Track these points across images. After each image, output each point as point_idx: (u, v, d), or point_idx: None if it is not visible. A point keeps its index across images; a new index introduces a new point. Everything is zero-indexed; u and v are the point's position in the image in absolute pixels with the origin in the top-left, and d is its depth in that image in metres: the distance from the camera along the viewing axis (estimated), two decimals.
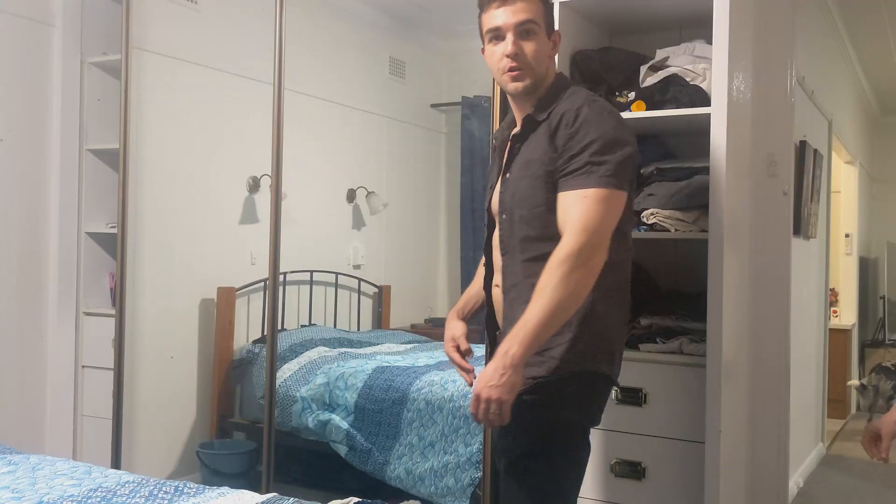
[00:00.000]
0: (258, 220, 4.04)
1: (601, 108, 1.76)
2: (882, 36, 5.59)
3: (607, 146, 1.68)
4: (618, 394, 2.43)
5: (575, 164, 1.69)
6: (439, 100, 5.41)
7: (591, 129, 1.70)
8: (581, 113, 1.72)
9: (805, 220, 4.09)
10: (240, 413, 3.86)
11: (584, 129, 1.70)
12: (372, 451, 3.30)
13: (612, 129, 1.71)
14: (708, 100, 2.33)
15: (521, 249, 1.78)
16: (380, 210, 4.72)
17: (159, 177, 3.58)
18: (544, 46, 1.80)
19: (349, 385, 3.45)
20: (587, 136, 1.69)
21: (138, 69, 3.38)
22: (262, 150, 3.37)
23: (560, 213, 1.71)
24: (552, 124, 1.76)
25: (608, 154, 1.68)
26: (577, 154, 1.69)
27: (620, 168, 1.69)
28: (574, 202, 1.68)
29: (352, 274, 4.71)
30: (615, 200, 1.69)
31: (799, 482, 4.09)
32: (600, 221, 1.66)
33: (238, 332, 3.92)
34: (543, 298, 1.61)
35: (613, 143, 1.69)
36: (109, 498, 1.79)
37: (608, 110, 1.77)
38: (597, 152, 1.68)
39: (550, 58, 1.85)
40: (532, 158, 1.78)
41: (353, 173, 4.75)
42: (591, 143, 1.69)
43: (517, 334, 1.61)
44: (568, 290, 1.61)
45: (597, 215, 1.66)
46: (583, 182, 1.68)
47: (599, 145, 1.68)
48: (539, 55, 1.79)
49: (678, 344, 2.38)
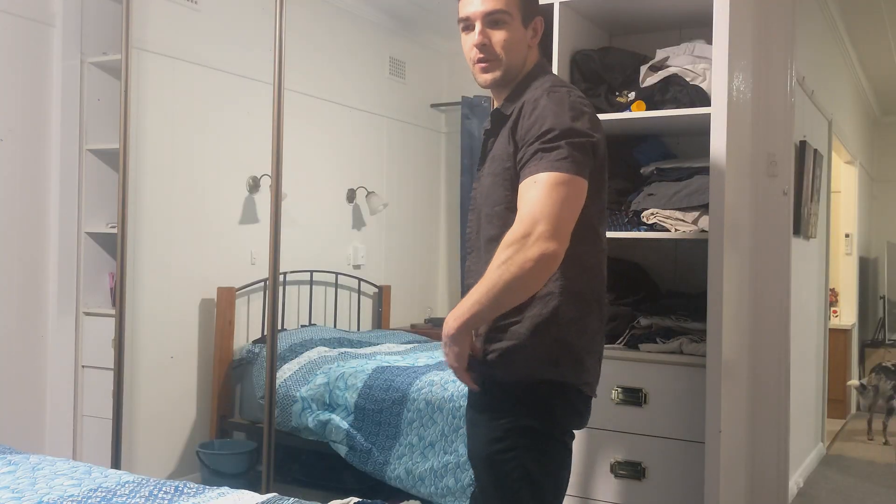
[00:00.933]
0: (258, 220, 4.04)
1: (561, 97, 1.66)
2: (882, 36, 5.59)
3: (562, 134, 1.59)
4: (618, 394, 2.43)
5: (528, 153, 1.61)
6: (439, 100, 5.41)
7: (548, 118, 1.61)
8: (539, 104, 1.65)
9: (805, 220, 4.09)
10: (240, 413, 3.86)
11: (541, 119, 1.62)
12: (372, 451, 3.30)
13: (571, 118, 1.62)
14: (708, 100, 2.33)
15: (486, 249, 1.73)
16: (380, 210, 4.72)
17: (159, 177, 3.58)
18: (517, 36, 1.73)
19: (349, 385, 3.45)
20: (543, 126, 1.61)
21: (138, 69, 3.38)
22: (262, 150, 3.37)
23: (518, 205, 1.63)
24: (514, 118, 1.69)
25: (561, 140, 1.59)
26: (531, 143, 1.61)
27: (577, 153, 1.59)
28: (525, 190, 1.59)
29: (352, 274, 4.71)
30: (572, 186, 1.58)
31: (799, 482, 4.09)
32: (551, 206, 1.55)
33: (238, 332, 3.92)
34: (484, 279, 1.57)
35: (570, 131, 1.60)
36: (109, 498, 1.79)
37: (571, 100, 1.67)
38: (550, 140, 1.59)
39: (530, 47, 1.78)
40: (496, 154, 1.73)
41: (353, 173, 4.75)
42: (546, 132, 1.60)
43: (455, 310, 1.62)
44: (509, 273, 1.53)
45: (547, 199, 1.55)
46: (533, 168, 1.59)
47: (554, 134, 1.59)
48: (510, 45, 1.72)
49: (678, 344, 2.38)
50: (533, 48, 1.79)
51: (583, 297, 1.71)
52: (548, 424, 1.72)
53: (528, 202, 1.57)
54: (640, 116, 2.45)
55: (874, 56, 6.00)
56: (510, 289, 1.55)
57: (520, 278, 1.53)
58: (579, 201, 1.61)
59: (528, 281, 1.55)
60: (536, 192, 1.57)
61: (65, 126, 3.37)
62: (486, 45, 1.72)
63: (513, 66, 1.75)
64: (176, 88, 3.66)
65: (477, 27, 1.72)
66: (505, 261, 1.54)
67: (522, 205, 1.59)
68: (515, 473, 1.70)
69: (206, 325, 3.81)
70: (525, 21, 1.75)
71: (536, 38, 1.79)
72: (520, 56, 1.75)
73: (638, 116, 2.45)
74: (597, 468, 2.46)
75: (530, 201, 1.57)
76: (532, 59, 1.79)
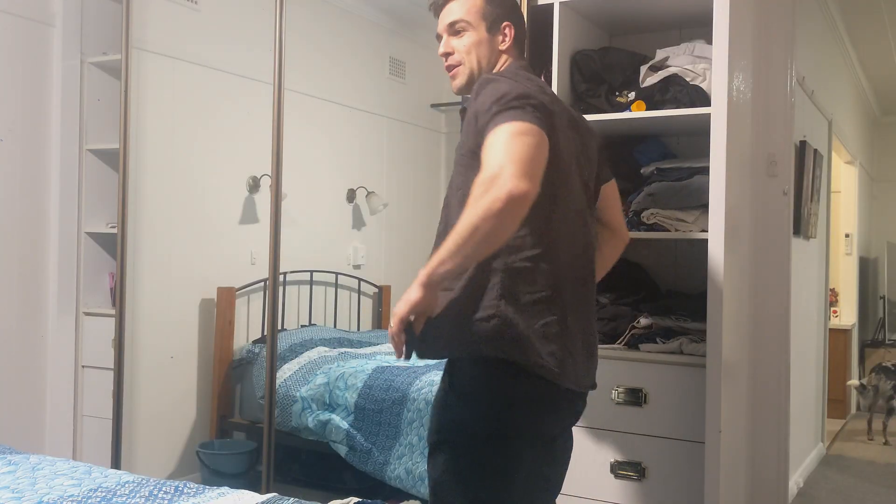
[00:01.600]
0: (258, 220, 4.04)
1: (514, 72, 1.71)
2: (882, 36, 5.59)
3: (519, 96, 1.57)
4: (618, 394, 2.43)
5: (485, 119, 1.57)
6: (439, 100, 5.41)
7: (488, 92, 1.60)
8: (479, 84, 1.65)
9: (805, 220, 4.09)
10: (240, 413, 3.86)
11: (495, 90, 1.59)
12: (372, 451, 3.30)
13: (510, 86, 1.60)
14: (708, 100, 2.33)
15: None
16: (380, 210, 4.72)
17: (159, 177, 3.58)
18: (479, 41, 1.79)
19: (349, 385, 3.45)
20: (497, 93, 1.58)
21: (138, 69, 3.38)
22: (262, 150, 3.36)
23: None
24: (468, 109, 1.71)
25: (517, 100, 1.56)
26: (487, 111, 1.57)
27: (526, 105, 1.56)
28: (488, 145, 1.54)
29: (352, 274, 4.70)
30: (535, 135, 1.52)
31: (799, 482, 4.09)
32: (517, 150, 1.48)
33: (238, 332, 3.92)
34: (454, 228, 1.51)
35: (525, 94, 1.58)
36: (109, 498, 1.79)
37: (508, 75, 1.69)
38: (506, 102, 1.56)
39: (502, 52, 1.82)
40: (458, 146, 1.73)
41: (353, 173, 4.75)
42: (501, 96, 1.57)
43: (430, 260, 1.54)
44: (476, 215, 1.44)
45: (512, 145, 1.49)
46: (493, 125, 1.54)
47: (510, 97, 1.56)
48: (471, 49, 1.79)
49: (678, 344, 2.38)
50: (506, 53, 1.83)
51: (532, 275, 1.63)
52: (491, 424, 1.63)
53: (491, 151, 1.51)
54: (640, 116, 2.45)
55: (874, 56, 6.00)
56: (480, 232, 1.45)
57: (488, 219, 1.44)
58: (543, 151, 1.54)
59: (497, 223, 1.45)
60: (499, 141, 1.51)
61: (65, 126, 3.37)
62: (450, 53, 1.82)
63: (477, 70, 1.81)
64: (176, 88, 3.66)
65: (443, 40, 1.84)
66: (472, 204, 1.47)
67: (486, 156, 1.52)
68: (448, 465, 1.67)
69: (206, 325, 3.81)
70: (491, 28, 1.81)
71: (507, 42, 1.83)
72: (486, 60, 1.81)
73: (638, 116, 2.45)
74: (597, 468, 2.46)
75: (494, 149, 1.51)
76: (506, 63, 1.83)
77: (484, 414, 1.63)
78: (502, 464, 1.64)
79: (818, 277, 4.81)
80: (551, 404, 1.69)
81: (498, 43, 1.82)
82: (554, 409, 1.71)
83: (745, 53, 2.57)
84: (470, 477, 1.65)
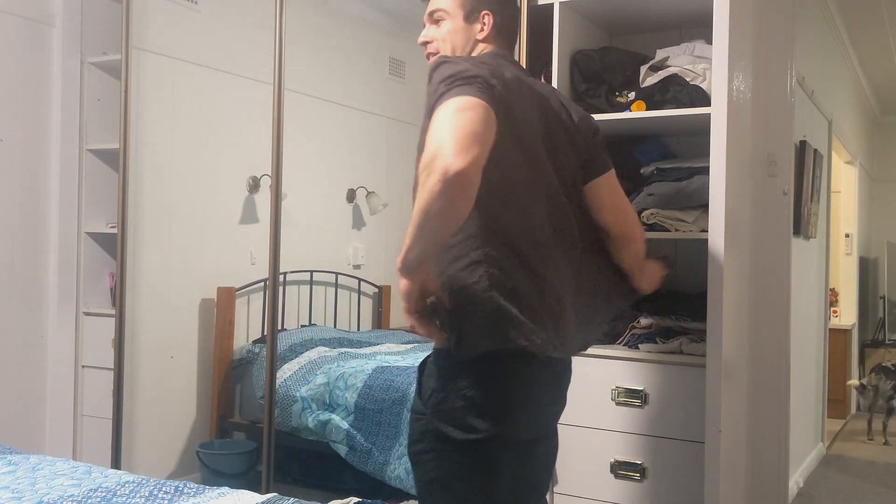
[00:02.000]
0: (258, 220, 4.04)
1: (454, 57, 1.67)
2: (882, 36, 5.59)
3: (455, 76, 1.54)
4: (618, 394, 2.43)
5: (430, 107, 1.55)
6: None
7: (439, 73, 1.58)
8: (432, 66, 1.63)
9: (805, 220, 4.09)
10: (240, 413, 3.86)
11: (434, 77, 1.58)
12: (372, 451, 3.29)
13: (461, 66, 1.58)
14: (708, 100, 2.33)
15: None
16: (380, 210, 4.72)
17: (159, 177, 3.58)
18: (455, 29, 1.81)
19: (349, 385, 3.45)
20: (436, 81, 1.56)
21: (138, 69, 3.38)
22: (262, 150, 3.37)
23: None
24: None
25: (455, 78, 1.53)
26: (430, 99, 1.56)
27: (474, 82, 1.52)
28: (428, 131, 1.50)
29: (352, 274, 4.70)
30: (478, 109, 1.47)
31: (799, 482, 4.09)
32: (454, 126, 1.44)
33: (238, 332, 3.92)
34: (412, 214, 1.50)
35: (463, 74, 1.55)
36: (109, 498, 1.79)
37: (467, 58, 1.68)
38: (450, 80, 1.53)
39: (479, 41, 1.81)
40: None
41: (353, 173, 4.75)
42: (440, 82, 1.54)
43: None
44: (423, 200, 1.44)
45: (451, 122, 1.45)
46: (437, 105, 1.51)
47: (454, 78, 1.54)
48: (447, 37, 1.81)
49: (678, 344, 2.38)
50: (485, 42, 1.82)
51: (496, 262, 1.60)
52: (463, 431, 1.61)
53: (432, 130, 1.48)
54: (640, 116, 2.45)
55: (874, 56, 6.00)
56: (431, 215, 1.45)
57: (434, 202, 1.42)
58: (488, 126, 1.49)
59: (444, 202, 1.42)
60: (440, 118, 1.48)
61: (65, 126, 3.37)
62: (429, 42, 1.84)
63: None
64: (176, 88, 3.66)
65: (424, 28, 1.85)
66: (420, 188, 1.46)
67: (429, 136, 1.49)
68: (429, 475, 1.67)
69: (206, 325, 3.81)
70: (468, 17, 1.81)
71: (486, 30, 1.81)
72: (460, 49, 1.81)
73: (638, 116, 2.45)
74: (597, 468, 2.46)
75: (434, 127, 1.47)
76: (483, 51, 1.81)
77: (453, 422, 1.62)
78: (481, 468, 1.63)
79: (818, 277, 4.81)
80: (535, 383, 1.67)
81: (475, 31, 1.81)
82: (538, 387, 1.68)
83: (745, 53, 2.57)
84: (451, 483, 1.65)
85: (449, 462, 1.64)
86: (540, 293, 1.64)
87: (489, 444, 1.62)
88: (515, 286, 1.61)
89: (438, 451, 1.64)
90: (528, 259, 1.63)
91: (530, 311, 1.62)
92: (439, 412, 1.64)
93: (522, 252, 1.63)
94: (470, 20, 1.81)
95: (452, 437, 1.61)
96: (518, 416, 1.66)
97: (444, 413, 1.63)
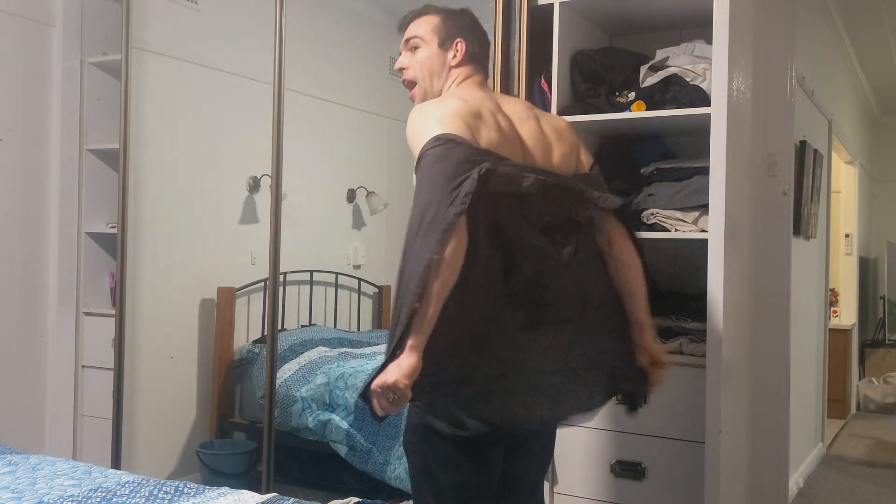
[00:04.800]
0: (258, 220, 4.03)
1: (421, 108, 1.75)
2: (882, 36, 5.59)
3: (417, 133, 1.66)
4: None
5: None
6: None
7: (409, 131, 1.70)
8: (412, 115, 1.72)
9: (805, 220, 4.09)
10: (240, 413, 3.86)
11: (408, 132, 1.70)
12: (372, 451, 3.29)
13: (421, 121, 1.70)
14: (708, 100, 2.33)
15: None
16: (380, 210, 4.72)
17: (159, 177, 3.58)
18: (430, 55, 1.87)
19: (349, 385, 3.45)
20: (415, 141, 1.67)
21: (138, 69, 3.38)
22: (262, 150, 3.36)
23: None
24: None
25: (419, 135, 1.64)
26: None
27: (437, 124, 1.63)
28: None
29: (352, 274, 4.70)
30: (440, 151, 1.58)
31: (799, 482, 4.09)
32: (422, 182, 1.58)
33: (238, 332, 3.92)
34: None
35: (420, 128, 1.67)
36: (109, 498, 1.79)
37: (426, 107, 1.76)
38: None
39: (453, 67, 1.87)
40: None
41: (353, 173, 4.75)
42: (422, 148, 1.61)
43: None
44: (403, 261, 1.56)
45: (420, 180, 1.59)
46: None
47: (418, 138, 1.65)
48: (422, 64, 1.88)
49: (678, 344, 2.38)
50: (458, 67, 1.87)
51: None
52: (452, 427, 1.68)
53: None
54: (640, 116, 2.45)
55: (874, 56, 6.00)
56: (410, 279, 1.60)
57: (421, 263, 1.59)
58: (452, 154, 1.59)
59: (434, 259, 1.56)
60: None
61: (65, 126, 3.37)
62: (404, 68, 1.92)
63: (429, 85, 1.89)
64: (176, 88, 3.66)
65: (401, 55, 1.93)
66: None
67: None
68: (418, 465, 1.75)
69: (206, 325, 3.81)
70: (443, 44, 1.87)
71: (458, 57, 1.87)
72: (436, 75, 1.88)
73: (638, 116, 2.45)
74: (597, 468, 2.46)
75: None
76: (459, 78, 1.87)
77: (443, 418, 1.69)
78: (465, 460, 1.70)
79: (818, 277, 4.81)
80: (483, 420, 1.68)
81: (449, 58, 1.87)
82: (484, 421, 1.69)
83: (745, 53, 2.57)
84: (437, 476, 1.72)
85: (438, 453, 1.71)
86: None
87: (479, 440, 1.69)
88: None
89: (429, 441, 1.71)
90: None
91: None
92: (431, 407, 1.70)
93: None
94: (444, 47, 1.87)
95: (442, 431, 1.68)
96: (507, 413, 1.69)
97: (436, 409, 1.70)
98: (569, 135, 1.86)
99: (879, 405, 6.32)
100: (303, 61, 4.20)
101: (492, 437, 1.71)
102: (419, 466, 1.76)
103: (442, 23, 1.87)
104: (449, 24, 1.87)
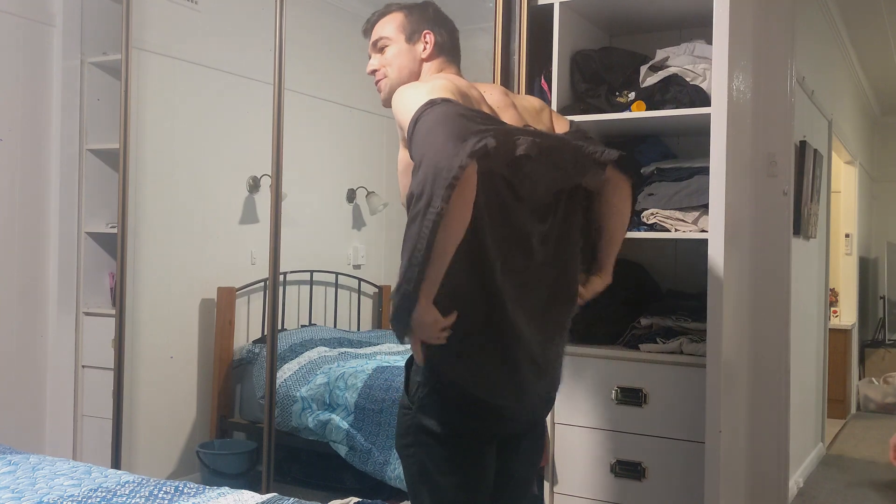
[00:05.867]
0: (258, 220, 4.04)
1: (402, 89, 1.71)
2: (882, 36, 5.59)
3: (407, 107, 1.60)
4: (618, 394, 2.43)
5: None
6: None
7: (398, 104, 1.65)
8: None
9: (805, 220, 4.09)
10: (240, 413, 3.86)
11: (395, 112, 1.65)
12: (372, 451, 3.29)
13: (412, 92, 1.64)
14: (708, 100, 2.33)
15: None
16: (380, 210, 4.72)
17: (159, 177, 3.58)
18: (399, 51, 1.85)
19: (349, 385, 3.45)
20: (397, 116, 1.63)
21: (138, 69, 3.38)
22: (262, 150, 3.36)
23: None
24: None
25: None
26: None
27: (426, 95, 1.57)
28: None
29: (352, 274, 4.70)
30: (432, 110, 1.52)
31: (799, 482, 4.09)
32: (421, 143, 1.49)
33: (238, 332, 3.92)
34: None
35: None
36: (109, 498, 1.79)
37: (414, 83, 1.73)
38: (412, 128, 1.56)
39: (424, 60, 1.85)
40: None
41: (353, 173, 4.75)
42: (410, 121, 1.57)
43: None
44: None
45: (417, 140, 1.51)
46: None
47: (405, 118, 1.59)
48: (392, 62, 1.86)
49: (678, 344, 2.38)
50: (429, 60, 1.85)
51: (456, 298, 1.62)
52: (446, 426, 1.68)
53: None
54: (640, 116, 2.45)
55: (874, 56, 6.00)
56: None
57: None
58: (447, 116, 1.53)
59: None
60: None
61: (65, 126, 3.37)
62: (375, 70, 1.91)
63: (399, 81, 1.83)
64: (176, 88, 3.66)
65: (370, 58, 1.92)
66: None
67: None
68: (414, 469, 1.74)
69: (206, 325, 3.81)
70: (410, 38, 1.86)
71: (428, 49, 1.85)
72: (407, 70, 1.86)
73: (638, 116, 2.45)
74: (597, 468, 2.46)
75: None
76: (433, 70, 1.85)
77: (437, 417, 1.68)
78: (464, 461, 1.70)
79: (818, 277, 4.81)
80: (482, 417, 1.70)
81: (419, 52, 1.86)
82: (482, 420, 1.71)
83: (745, 53, 2.57)
84: (435, 479, 1.71)
85: (433, 456, 1.70)
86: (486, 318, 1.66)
87: (472, 439, 1.69)
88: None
89: (423, 444, 1.70)
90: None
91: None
92: (424, 407, 1.69)
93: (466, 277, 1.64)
94: (412, 41, 1.86)
95: (435, 432, 1.67)
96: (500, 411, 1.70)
97: (429, 408, 1.69)
98: (545, 113, 1.86)
99: (879, 405, 6.32)
100: (303, 61, 4.20)
101: (486, 433, 1.71)
102: (415, 471, 1.74)
103: (406, 18, 1.87)
104: (413, 18, 1.87)
